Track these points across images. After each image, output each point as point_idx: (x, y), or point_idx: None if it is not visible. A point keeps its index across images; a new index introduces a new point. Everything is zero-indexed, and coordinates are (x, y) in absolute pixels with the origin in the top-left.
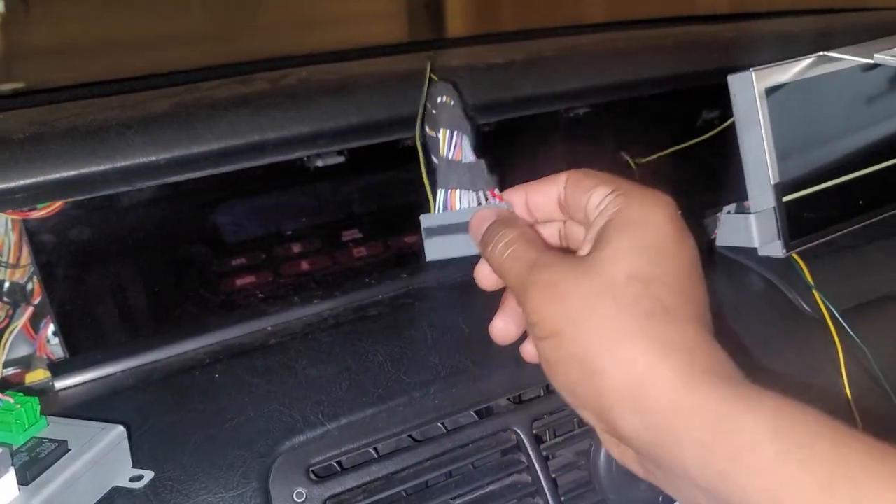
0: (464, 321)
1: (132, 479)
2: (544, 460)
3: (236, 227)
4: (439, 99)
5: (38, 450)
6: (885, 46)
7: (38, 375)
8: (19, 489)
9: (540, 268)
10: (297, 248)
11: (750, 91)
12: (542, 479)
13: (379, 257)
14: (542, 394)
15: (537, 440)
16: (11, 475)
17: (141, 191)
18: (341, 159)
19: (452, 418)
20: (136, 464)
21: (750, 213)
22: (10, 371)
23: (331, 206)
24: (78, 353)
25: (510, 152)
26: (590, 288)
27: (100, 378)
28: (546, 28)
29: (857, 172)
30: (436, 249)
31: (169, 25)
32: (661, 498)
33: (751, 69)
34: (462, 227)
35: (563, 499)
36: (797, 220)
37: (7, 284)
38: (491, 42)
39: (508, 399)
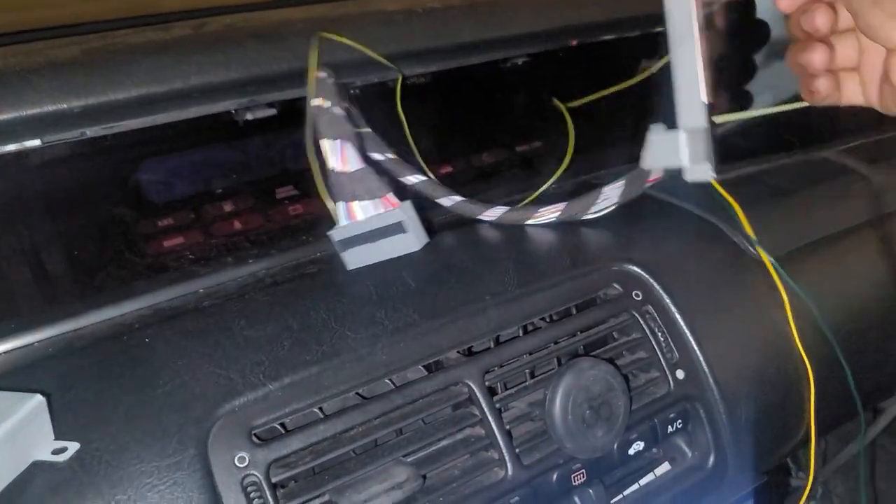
0: (408, 274)
1: (55, 452)
2: (498, 412)
3: (163, 185)
4: (314, 102)
5: None
6: None
7: None
8: None
9: None
10: (228, 207)
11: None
12: (496, 431)
13: (316, 214)
14: (493, 345)
15: (490, 392)
16: None
17: (57, 147)
18: (273, 112)
19: (401, 374)
20: (59, 436)
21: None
22: None
23: (263, 162)
24: None
25: (447, 104)
26: None
27: (16, 348)
28: None
29: (791, 105)
30: (355, 259)
31: None
32: (616, 444)
33: None
34: (373, 236)
35: (517, 450)
36: (726, 144)
37: None
38: None
39: (458, 352)
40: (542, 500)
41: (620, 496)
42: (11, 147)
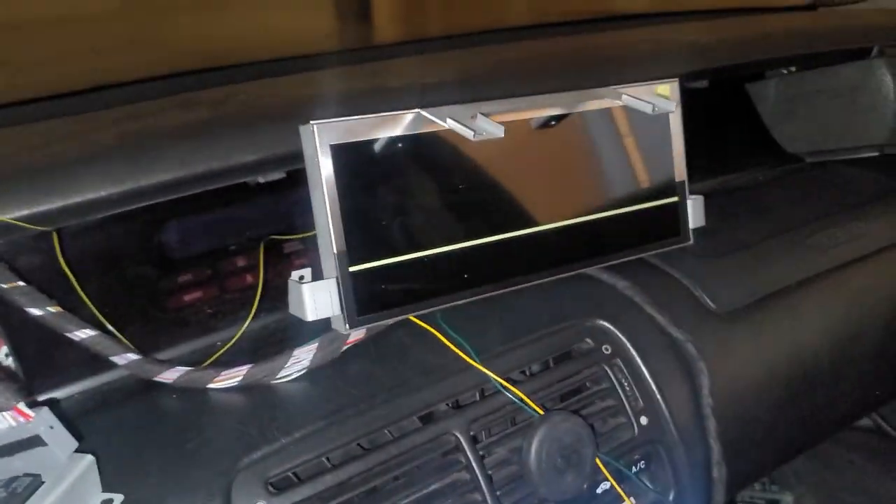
0: (404, 334)
1: (103, 503)
2: (480, 459)
3: (181, 244)
4: None
5: (13, 485)
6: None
7: None
8: None
9: None
10: (241, 262)
11: (312, 145)
12: (479, 476)
13: None
14: (478, 398)
15: (474, 440)
16: None
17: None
18: (282, 175)
19: (397, 425)
20: (105, 488)
21: (305, 282)
22: None
23: (272, 218)
24: (33, 376)
25: None
26: None
27: (61, 399)
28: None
29: (456, 245)
30: None
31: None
32: (585, 486)
33: (312, 122)
34: (3, 451)
35: (498, 493)
36: (374, 291)
37: None
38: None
39: (447, 405)
40: None
41: None
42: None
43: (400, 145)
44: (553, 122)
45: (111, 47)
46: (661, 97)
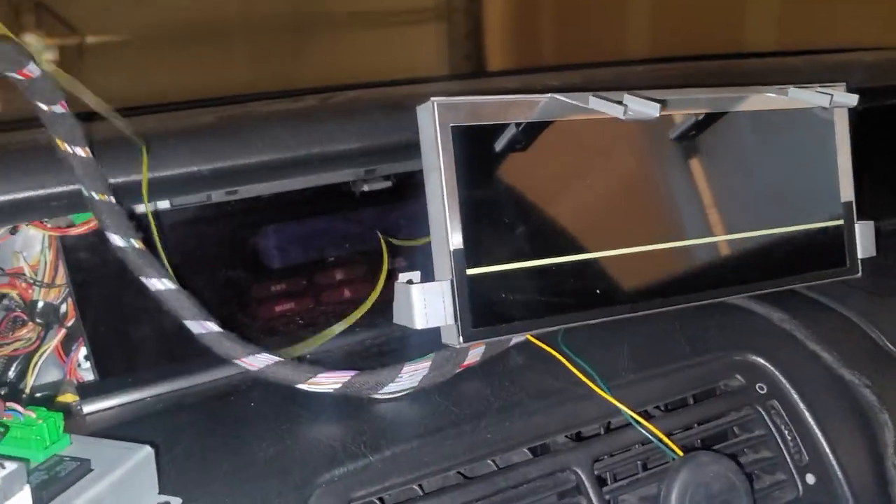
0: (517, 351)
1: None
2: None
3: (278, 251)
4: None
5: (57, 468)
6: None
7: (66, 399)
8: None
9: None
10: (339, 275)
11: (431, 125)
12: None
13: None
14: (603, 431)
15: (599, 482)
16: (26, 493)
17: (181, 211)
18: (388, 184)
19: (504, 455)
20: (163, 490)
21: (416, 283)
22: (38, 395)
23: (375, 233)
24: (110, 377)
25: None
26: None
27: (129, 402)
28: None
29: (596, 253)
30: None
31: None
32: None
33: (433, 98)
34: None
35: None
36: (493, 301)
37: (40, 304)
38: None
39: (566, 436)
40: None
41: None
42: (141, 208)
43: (529, 133)
44: (702, 124)
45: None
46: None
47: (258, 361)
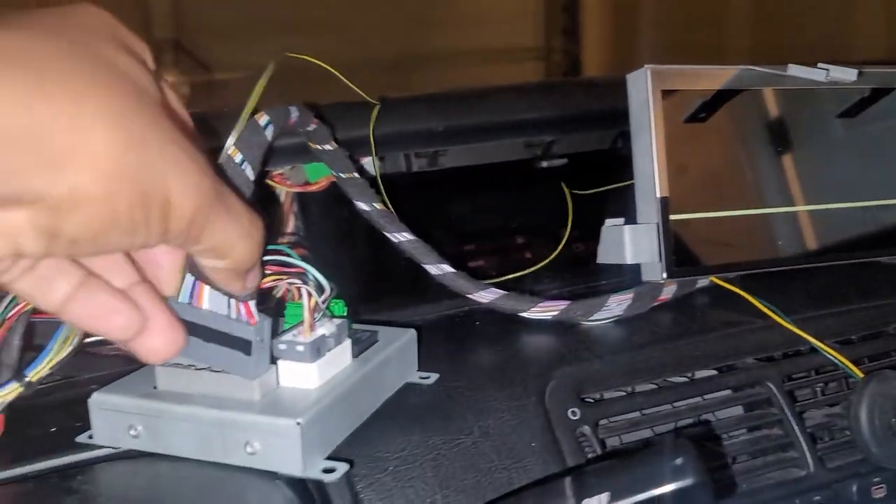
0: (700, 293)
1: (421, 377)
2: (799, 415)
3: (469, 216)
4: (228, 148)
5: (358, 335)
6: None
7: None
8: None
9: None
10: (521, 240)
11: (643, 89)
12: (797, 431)
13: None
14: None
15: (790, 396)
16: (348, 344)
17: (393, 179)
18: (564, 161)
19: (700, 372)
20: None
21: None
22: None
23: (553, 205)
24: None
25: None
26: None
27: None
28: None
29: (778, 209)
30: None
31: None
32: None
33: (647, 66)
34: (208, 335)
35: (819, 454)
36: (688, 245)
37: None
38: None
39: (754, 359)
40: None
41: None
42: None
43: (723, 100)
44: (868, 99)
45: None
46: None
47: (489, 294)
